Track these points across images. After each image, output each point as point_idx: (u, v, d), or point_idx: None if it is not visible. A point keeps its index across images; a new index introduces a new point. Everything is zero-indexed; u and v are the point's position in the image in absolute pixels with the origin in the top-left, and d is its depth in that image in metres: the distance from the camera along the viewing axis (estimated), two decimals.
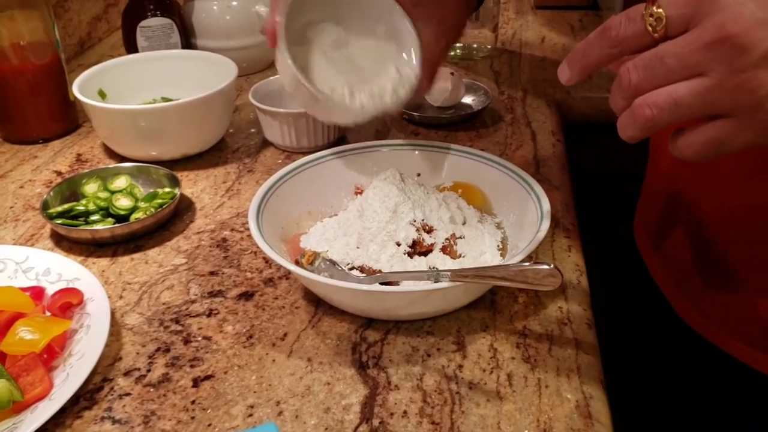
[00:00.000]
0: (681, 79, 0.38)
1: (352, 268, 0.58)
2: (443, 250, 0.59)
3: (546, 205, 0.58)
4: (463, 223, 0.62)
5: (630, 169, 0.81)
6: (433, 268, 0.58)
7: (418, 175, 0.69)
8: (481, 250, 0.60)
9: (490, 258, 0.59)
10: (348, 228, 0.61)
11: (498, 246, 0.61)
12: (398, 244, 0.58)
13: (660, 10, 0.38)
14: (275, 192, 0.63)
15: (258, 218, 0.59)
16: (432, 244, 0.59)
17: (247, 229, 0.69)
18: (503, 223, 0.64)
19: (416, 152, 0.69)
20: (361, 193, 0.67)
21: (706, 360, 0.64)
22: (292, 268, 0.54)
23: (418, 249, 0.59)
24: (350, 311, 0.57)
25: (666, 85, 0.38)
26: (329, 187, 0.67)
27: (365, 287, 0.53)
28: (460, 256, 0.60)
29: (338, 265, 0.57)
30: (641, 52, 0.40)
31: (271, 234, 0.59)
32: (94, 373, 0.52)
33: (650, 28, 0.39)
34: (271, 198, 0.62)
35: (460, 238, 0.61)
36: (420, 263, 0.58)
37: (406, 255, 0.58)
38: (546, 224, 0.56)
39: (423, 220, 0.60)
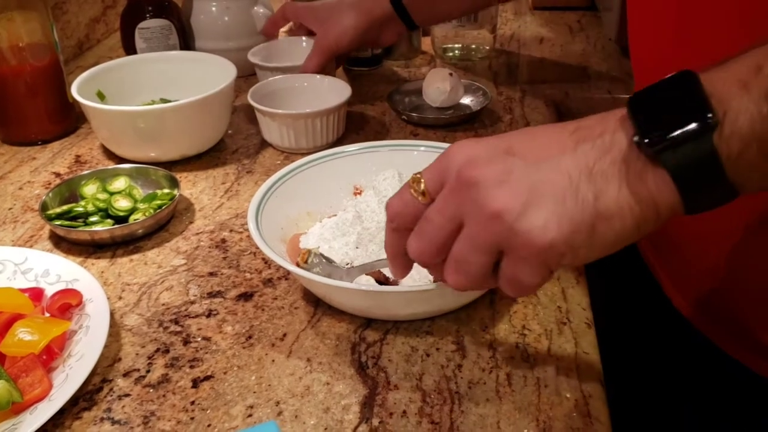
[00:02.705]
0: (450, 231, 0.42)
1: (351, 268, 0.58)
2: None
3: None
4: None
5: None
6: None
7: None
8: None
9: None
10: (346, 228, 0.61)
11: None
12: None
13: (420, 177, 0.44)
14: (274, 192, 0.63)
15: (257, 219, 0.59)
16: None
17: (247, 229, 0.69)
18: None
19: (414, 153, 0.69)
20: (360, 193, 0.67)
21: (708, 360, 0.64)
22: (291, 268, 0.54)
23: None
24: (349, 311, 0.57)
25: (441, 241, 0.42)
26: (328, 188, 0.67)
27: (364, 287, 0.53)
28: None
29: (332, 261, 0.57)
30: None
31: (271, 234, 0.59)
32: (93, 374, 0.52)
33: (416, 197, 0.44)
34: (270, 198, 0.62)
35: None
36: None
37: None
38: None
39: None
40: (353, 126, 0.89)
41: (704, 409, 0.66)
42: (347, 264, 0.58)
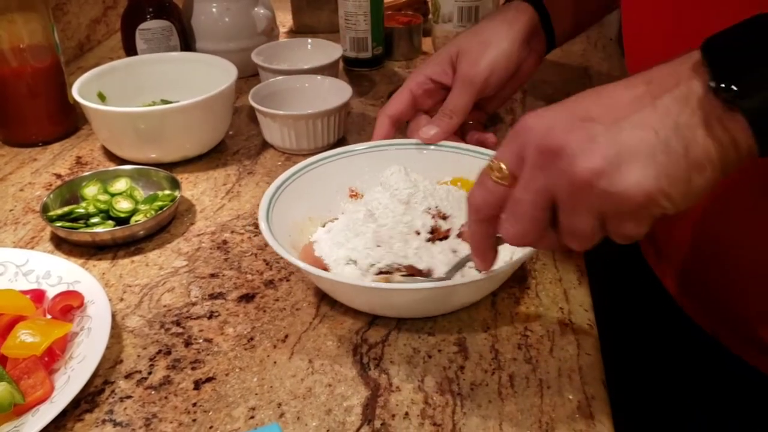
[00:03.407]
0: (543, 207, 0.41)
1: (379, 272, 0.57)
2: (459, 235, 0.60)
3: None
4: None
5: None
6: (455, 251, 0.59)
7: None
8: None
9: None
10: (359, 228, 0.60)
11: None
12: (417, 233, 0.59)
13: (497, 162, 0.43)
14: (279, 197, 0.62)
15: (268, 221, 0.58)
16: (449, 230, 0.60)
17: (248, 231, 0.69)
18: None
19: (424, 152, 0.69)
20: (356, 196, 0.67)
21: (713, 360, 0.64)
22: (302, 265, 0.53)
23: (436, 236, 0.60)
24: (357, 308, 0.57)
25: (539, 218, 0.42)
26: (327, 191, 0.67)
27: (373, 284, 0.53)
28: None
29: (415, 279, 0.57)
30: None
31: (282, 240, 0.59)
32: (95, 375, 0.52)
33: (500, 182, 0.43)
34: (276, 203, 0.62)
35: None
36: (443, 248, 0.59)
37: (429, 242, 0.59)
38: None
39: (436, 207, 0.62)
40: (354, 127, 0.89)
41: (708, 411, 0.66)
42: (372, 265, 0.58)
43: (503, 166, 0.42)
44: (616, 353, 0.61)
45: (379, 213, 0.60)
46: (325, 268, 0.58)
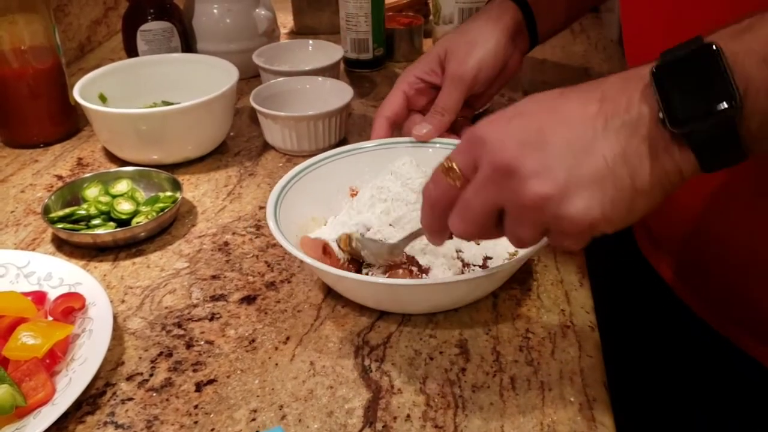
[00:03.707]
0: (490, 214, 0.43)
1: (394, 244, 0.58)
2: None
3: None
4: None
5: None
6: (460, 251, 0.59)
7: None
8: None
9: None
10: (364, 207, 0.62)
11: None
12: None
13: (452, 164, 0.44)
14: (284, 197, 0.63)
15: (276, 219, 0.58)
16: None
17: (249, 232, 0.69)
18: None
19: (430, 150, 0.70)
20: (356, 195, 0.67)
21: (716, 360, 0.64)
22: (310, 261, 0.54)
23: None
24: (360, 302, 0.57)
25: (483, 222, 0.44)
26: (329, 191, 0.67)
27: (380, 280, 0.54)
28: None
29: (375, 240, 0.58)
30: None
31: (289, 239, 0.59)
32: (96, 377, 0.52)
33: (452, 182, 0.45)
34: (283, 203, 0.62)
35: None
36: (449, 247, 0.59)
37: None
38: None
39: None
40: (355, 128, 0.89)
41: (710, 413, 0.66)
42: (383, 239, 0.59)
43: (456, 168, 0.44)
44: (618, 355, 0.61)
45: (391, 200, 0.61)
46: (326, 248, 0.59)
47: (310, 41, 1.02)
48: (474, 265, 0.59)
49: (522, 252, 0.56)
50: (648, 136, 0.39)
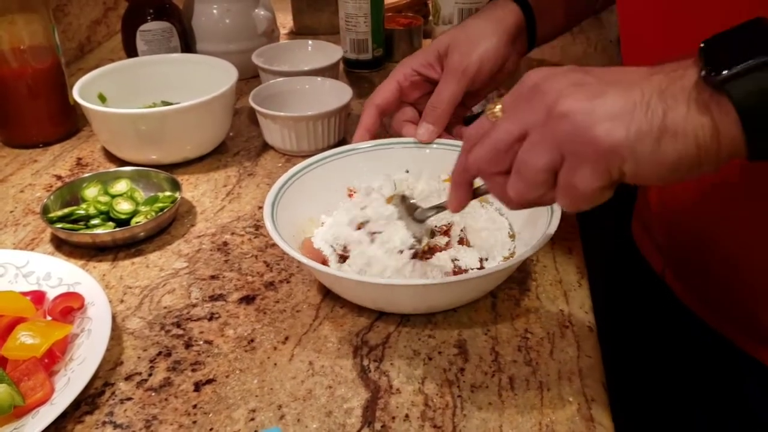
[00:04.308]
0: (513, 137, 0.43)
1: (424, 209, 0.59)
2: (460, 242, 0.61)
3: None
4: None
5: None
6: (456, 260, 0.59)
7: (407, 171, 0.69)
8: (492, 231, 0.62)
9: (502, 236, 0.62)
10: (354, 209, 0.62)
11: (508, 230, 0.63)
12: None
13: (496, 105, 0.45)
14: (281, 198, 0.63)
15: (273, 219, 0.59)
16: (447, 243, 0.60)
17: (248, 232, 0.69)
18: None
19: (427, 151, 0.70)
20: (352, 195, 0.67)
21: (716, 360, 0.64)
22: (306, 261, 0.54)
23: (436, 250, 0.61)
24: (364, 304, 0.57)
25: (502, 146, 0.44)
26: (327, 191, 0.67)
27: (377, 281, 0.54)
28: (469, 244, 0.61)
29: (411, 199, 0.59)
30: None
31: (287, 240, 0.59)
32: (95, 377, 0.52)
33: (491, 118, 0.45)
34: (280, 203, 0.62)
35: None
36: (441, 258, 0.59)
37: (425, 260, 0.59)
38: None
39: (444, 225, 0.62)
40: (355, 128, 0.88)
41: (709, 413, 0.66)
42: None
43: (498, 105, 0.45)
44: (617, 355, 0.61)
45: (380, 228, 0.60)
46: (325, 261, 0.59)
47: (310, 41, 1.03)
48: (471, 269, 0.59)
49: (518, 253, 0.56)
50: (689, 87, 0.39)
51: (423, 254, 0.59)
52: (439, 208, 0.57)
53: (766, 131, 0.38)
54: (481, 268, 0.59)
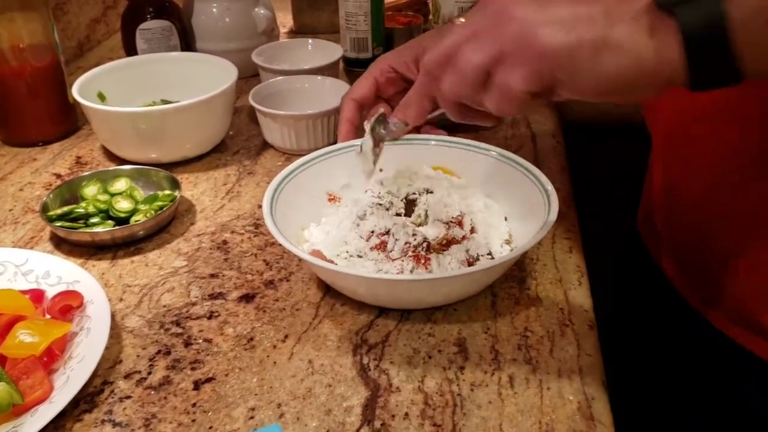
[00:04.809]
0: (464, 37, 0.45)
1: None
2: (472, 230, 0.62)
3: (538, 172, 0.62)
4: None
5: (630, 169, 0.81)
6: (468, 251, 0.59)
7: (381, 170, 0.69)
8: (491, 223, 0.63)
9: (502, 227, 0.63)
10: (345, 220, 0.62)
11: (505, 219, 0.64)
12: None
13: (458, 20, 0.47)
14: (279, 195, 0.62)
15: (272, 216, 0.58)
16: (464, 237, 0.61)
17: (248, 231, 0.69)
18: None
19: (426, 146, 0.70)
20: (334, 200, 0.67)
21: (717, 359, 0.64)
22: (306, 256, 0.54)
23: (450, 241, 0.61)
24: (365, 300, 0.57)
25: (452, 46, 0.45)
26: (325, 189, 0.67)
27: (374, 275, 0.54)
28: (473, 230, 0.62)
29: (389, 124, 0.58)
30: None
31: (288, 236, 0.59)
32: (94, 375, 0.52)
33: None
34: (279, 201, 0.61)
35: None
36: (457, 249, 0.59)
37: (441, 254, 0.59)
38: (550, 186, 0.59)
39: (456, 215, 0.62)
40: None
41: (709, 412, 0.66)
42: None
43: (460, 20, 0.46)
44: (617, 354, 0.61)
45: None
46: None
47: (310, 40, 1.03)
48: (481, 256, 0.59)
49: (515, 237, 0.57)
50: (639, 9, 0.39)
51: (440, 246, 0.60)
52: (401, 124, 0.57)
53: (709, 59, 0.38)
54: (489, 253, 0.59)
